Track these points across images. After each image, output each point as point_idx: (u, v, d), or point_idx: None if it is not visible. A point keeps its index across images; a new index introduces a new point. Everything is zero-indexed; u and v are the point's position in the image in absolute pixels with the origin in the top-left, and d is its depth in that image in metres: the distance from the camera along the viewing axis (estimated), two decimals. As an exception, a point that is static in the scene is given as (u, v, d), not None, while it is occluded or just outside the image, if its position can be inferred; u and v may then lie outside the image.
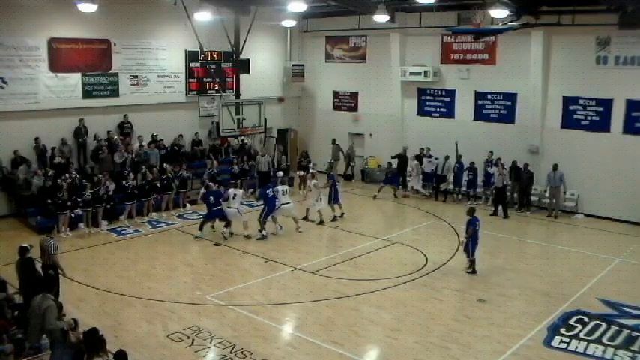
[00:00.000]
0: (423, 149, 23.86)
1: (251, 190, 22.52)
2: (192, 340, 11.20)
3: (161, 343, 11.11)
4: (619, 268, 16.08)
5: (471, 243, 14.99)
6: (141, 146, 21.90)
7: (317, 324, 12.17)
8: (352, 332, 11.80)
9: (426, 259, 16.21)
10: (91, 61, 21.28)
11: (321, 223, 19.37)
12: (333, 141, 26.44)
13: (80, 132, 20.92)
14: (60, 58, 20.41)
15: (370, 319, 12.52)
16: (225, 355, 10.66)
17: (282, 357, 10.75)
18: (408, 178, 23.76)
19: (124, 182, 19.61)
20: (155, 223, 19.43)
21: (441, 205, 22.53)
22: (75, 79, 20.89)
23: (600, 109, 20.55)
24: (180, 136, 23.59)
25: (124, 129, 22.27)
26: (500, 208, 20.92)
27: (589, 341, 11.66)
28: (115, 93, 21.94)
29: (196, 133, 24.30)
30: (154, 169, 20.91)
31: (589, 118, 20.88)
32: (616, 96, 20.12)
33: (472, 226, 14.94)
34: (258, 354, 10.73)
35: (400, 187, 23.93)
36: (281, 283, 14.34)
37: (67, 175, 18.90)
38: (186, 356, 10.66)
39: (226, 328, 11.82)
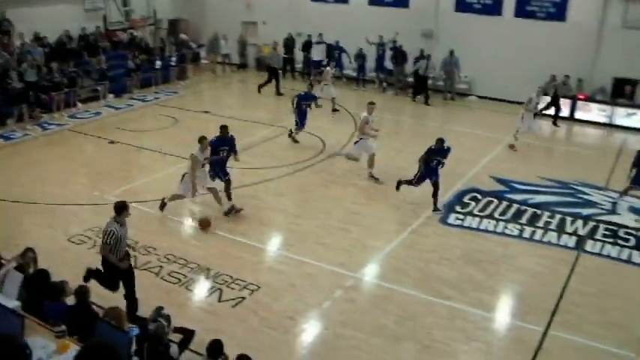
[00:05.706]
0: (310, 35, 23.53)
1: None
2: (95, 241, 11.02)
3: (63, 247, 10.98)
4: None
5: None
6: (22, 44, 20.40)
7: (220, 215, 12.23)
8: (256, 221, 12.03)
9: (324, 144, 16.43)
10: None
11: None
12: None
13: None
14: None
15: (272, 207, 12.77)
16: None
17: (187, 251, 10.86)
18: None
19: (7, 83, 18.34)
20: (46, 125, 18.51)
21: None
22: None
23: (493, -9, 20.81)
24: (67, 31, 22.11)
25: (3, 27, 20.54)
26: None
27: (482, 217, 12.45)
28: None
29: (83, 27, 22.78)
30: (43, 67, 19.68)
31: (482, 2, 21.17)
32: (508, -21, 20.37)
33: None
34: (162, 249, 10.82)
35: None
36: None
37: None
38: (88, 257, 10.51)
39: (129, 225, 11.69)
